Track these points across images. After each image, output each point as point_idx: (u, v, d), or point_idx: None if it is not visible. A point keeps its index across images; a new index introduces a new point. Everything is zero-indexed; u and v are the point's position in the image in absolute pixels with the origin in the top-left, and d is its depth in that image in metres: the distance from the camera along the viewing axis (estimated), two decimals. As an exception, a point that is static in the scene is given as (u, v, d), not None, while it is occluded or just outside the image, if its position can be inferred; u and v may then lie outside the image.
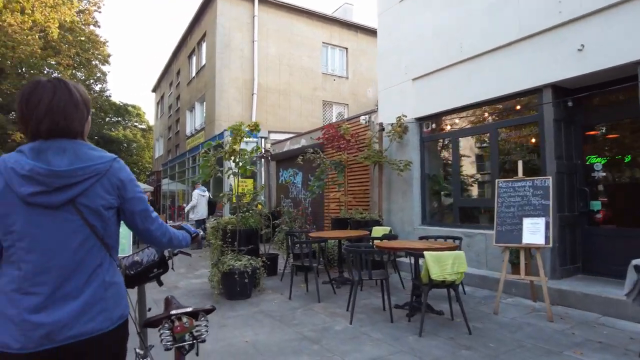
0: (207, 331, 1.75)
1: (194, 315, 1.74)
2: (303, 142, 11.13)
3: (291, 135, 12.61)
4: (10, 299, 1.24)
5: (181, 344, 1.68)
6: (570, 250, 5.48)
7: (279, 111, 18.88)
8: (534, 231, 4.73)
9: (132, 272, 1.94)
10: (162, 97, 30.99)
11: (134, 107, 37.02)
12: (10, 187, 1.24)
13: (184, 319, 1.67)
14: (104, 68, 21.04)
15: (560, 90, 5.54)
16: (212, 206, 11.17)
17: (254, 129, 5.97)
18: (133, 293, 1.81)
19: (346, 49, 20.30)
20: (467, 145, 7.19)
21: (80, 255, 1.31)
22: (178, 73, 25.24)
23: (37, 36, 13.96)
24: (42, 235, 1.26)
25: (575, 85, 5.43)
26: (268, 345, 3.74)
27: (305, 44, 18.98)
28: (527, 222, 4.82)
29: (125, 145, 29.58)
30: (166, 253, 2.06)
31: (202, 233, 1.95)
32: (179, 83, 25.14)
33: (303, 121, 18.86)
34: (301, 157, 7.97)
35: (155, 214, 1.55)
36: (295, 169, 11.38)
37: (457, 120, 7.17)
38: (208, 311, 1.80)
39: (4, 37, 13.05)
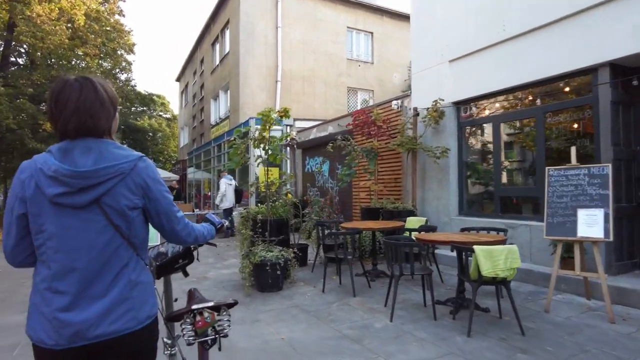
0: (229, 325, 1.72)
1: (215, 309, 1.70)
2: (330, 129, 10.83)
3: (317, 122, 12.32)
4: (44, 297, 1.28)
5: (203, 339, 1.65)
6: (627, 244, 5.05)
7: (303, 98, 18.63)
8: (591, 223, 4.33)
9: (157, 264, 1.94)
10: (186, 86, 31.14)
11: (158, 96, 37.39)
12: (39, 188, 1.26)
13: (206, 314, 1.64)
14: (129, 57, 21.15)
15: (619, 69, 5.05)
16: (239, 195, 11.05)
17: (284, 115, 5.72)
18: (159, 284, 1.79)
19: (371, 33, 19.75)
20: (509, 130, 6.75)
21: (107, 255, 1.31)
22: (202, 61, 25.20)
23: (64, 26, 14.04)
24: (69, 235, 1.28)
25: (638, 63, 4.93)
26: (305, 344, 3.53)
27: (329, 29, 18.54)
28: (583, 214, 4.42)
29: (150, 134, 29.89)
30: None
31: (227, 223, 1.92)
32: (202, 71, 25.12)
33: (328, 108, 18.54)
34: (331, 145, 7.67)
35: (180, 213, 1.51)
36: (323, 157, 11.11)
37: (498, 104, 6.72)
38: (230, 305, 1.75)
39: (33, 27, 13.18)
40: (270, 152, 5.61)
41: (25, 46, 15.83)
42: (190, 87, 29.16)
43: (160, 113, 40.70)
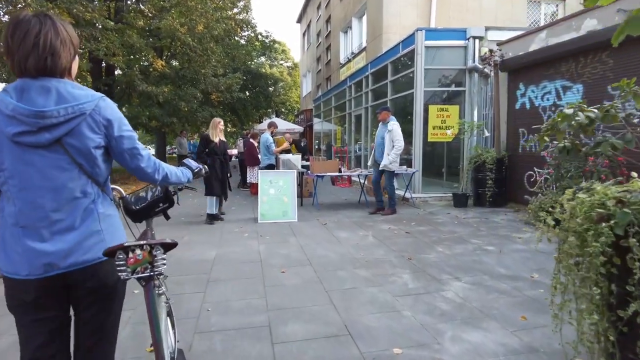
0: (164, 264, 1.54)
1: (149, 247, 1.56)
2: (593, 24, 5.85)
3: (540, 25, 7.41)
4: (12, 233, 1.31)
5: (139, 276, 1.52)
6: None
7: (466, 16, 13.84)
8: None
9: (137, 207, 1.90)
10: (308, 26, 27.65)
11: (279, 43, 34.76)
12: None
13: (138, 252, 1.50)
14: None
15: None
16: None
17: None
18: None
19: None
20: None
21: (73, 192, 1.33)
22: (328, -12, 21.19)
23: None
24: (32, 173, 1.28)
25: None
26: None
27: None
28: None
29: (271, 81, 27.36)
30: (171, 188, 1.98)
31: (205, 168, 1.97)
32: (329, 2, 21.14)
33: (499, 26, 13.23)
34: None
35: (146, 151, 1.49)
36: (563, 80, 6.31)
37: None
38: (167, 246, 1.54)
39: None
40: None
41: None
42: (314, 25, 25.53)
43: (282, 62, 38.35)
